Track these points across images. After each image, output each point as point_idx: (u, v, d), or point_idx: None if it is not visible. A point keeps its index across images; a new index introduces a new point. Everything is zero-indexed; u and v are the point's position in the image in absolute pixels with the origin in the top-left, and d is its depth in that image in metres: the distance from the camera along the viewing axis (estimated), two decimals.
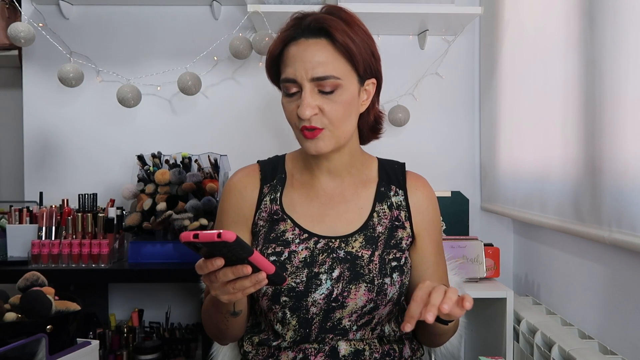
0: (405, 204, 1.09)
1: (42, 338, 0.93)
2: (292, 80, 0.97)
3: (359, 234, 1.04)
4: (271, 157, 1.16)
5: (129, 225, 1.74)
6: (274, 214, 1.06)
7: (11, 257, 1.77)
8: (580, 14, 1.33)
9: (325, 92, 0.96)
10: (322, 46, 0.96)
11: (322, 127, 0.97)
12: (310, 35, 0.97)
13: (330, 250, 1.02)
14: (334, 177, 1.08)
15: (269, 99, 2.05)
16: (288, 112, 1.00)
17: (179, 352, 1.94)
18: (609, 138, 1.20)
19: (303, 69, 0.95)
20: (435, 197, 1.13)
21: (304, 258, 1.01)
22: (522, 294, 1.89)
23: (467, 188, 2.06)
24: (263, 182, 1.10)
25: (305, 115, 0.95)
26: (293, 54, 0.97)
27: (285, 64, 0.98)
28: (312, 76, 0.95)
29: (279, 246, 1.03)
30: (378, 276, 1.01)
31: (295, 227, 1.04)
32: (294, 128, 1.02)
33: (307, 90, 0.95)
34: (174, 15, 2.06)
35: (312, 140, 0.98)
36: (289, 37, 0.99)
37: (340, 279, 1.00)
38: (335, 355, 1.01)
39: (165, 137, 2.06)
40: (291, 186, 1.09)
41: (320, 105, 0.96)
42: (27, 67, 2.06)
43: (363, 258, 1.02)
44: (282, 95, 1.01)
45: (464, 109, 2.08)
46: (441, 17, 1.84)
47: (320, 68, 0.95)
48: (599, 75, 1.24)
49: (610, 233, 1.20)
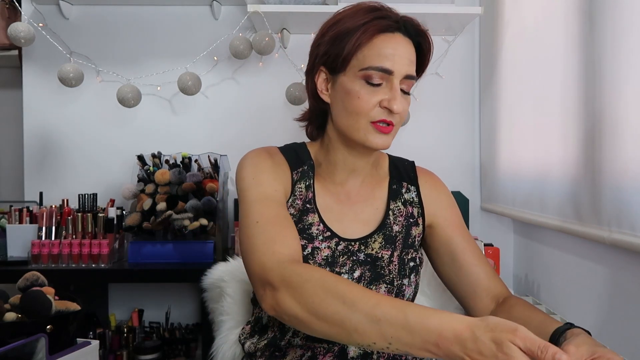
0: (418, 200, 1.08)
1: (42, 338, 0.93)
2: (387, 71, 0.93)
3: (377, 234, 1.02)
4: (288, 144, 1.10)
5: (129, 225, 1.74)
6: (307, 202, 1.02)
7: (11, 257, 1.77)
8: (580, 14, 1.33)
9: (404, 91, 0.97)
10: (413, 47, 0.97)
11: (395, 124, 0.97)
12: (406, 33, 0.97)
13: (350, 253, 1.00)
14: (356, 175, 1.06)
15: (269, 98, 2.05)
16: (365, 101, 0.93)
17: (179, 352, 1.94)
18: (609, 138, 1.20)
19: (401, 63, 0.94)
20: (447, 187, 1.13)
21: (326, 257, 0.98)
22: (522, 294, 1.88)
23: (467, 188, 2.06)
24: (291, 166, 1.04)
25: (400, 109, 0.93)
26: (392, 46, 0.94)
27: (377, 52, 0.93)
28: (407, 73, 0.95)
29: (303, 239, 0.98)
30: (397, 277, 0.99)
31: (321, 223, 1.01)
32: (360, 120, 0.95)
33: (398, 85, 0.94)
34: (174, 15, 2.06)
35: (384, 135, 0.96)
36: (386, 27, 0.95)
37: (361, 279, 0.98)
38: (344, 356, 0.99)
39: (165, 137, 2.06)
40: (317, 176, 1.05)
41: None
42: (27, 67, 2.06)
43: (383, 259, 1.00)
44: (361, 84, 0.94)
45: (464, 109, 2.08)
46: (441, 17, 1.84)
47: (412, 67, 0.96)
48: (599, 75, 1.24)
49: (610, 233, 1.20)
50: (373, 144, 0.96)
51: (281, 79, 1.98)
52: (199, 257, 1.75)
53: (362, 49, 0.94)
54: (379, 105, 0.94)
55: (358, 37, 0.94)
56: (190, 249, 1.76)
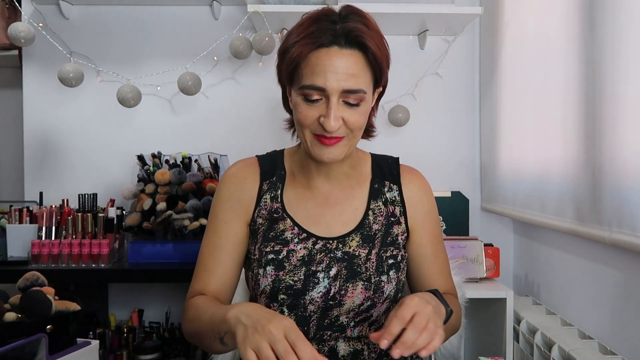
0: (400, 198, 1.09)
1: (42, 338, 0.92)
2: (320, 89, 0.92)
3: (355, 233, 1.05)
4: (270, 152, 1.15)
5: (129, 225, 1.74)
6: (274, 212, 1.06)
7: (11, 257, 1.76)
8: (581, 14, 1.33)
9: (351, 104, 0.94)
10: (356, 58, 0.93)
11: (341, 136, 0.96)
12: (345, 44, 0.92)
13: (327, 250, 1.03)
14: (331, 179, 1.08)
15: (269, 98, 2.05)
16: (304, 116, 0.95)
17: (179, 352, 1.94)
18: (609, 138, 1.20)
19: (335, 79, 0.91)
20: (430, 189, 1.13)
21: (302, 257, 1.02)
22: (522, 294, 1.88)
23: (467, 188, 2.06)
24: (263, 177, 1.08)
25: (333, 127, 0.92)
26: (325, 62, 0.91)
27: (312, 70, 0.92)
28: (344, 88, 0.92)
29: (277, 245, 1.03)
30: (375, 274, 1.01)
31: (295, 227, 1.04)
32: (305, 132, 0.97)
33: (335, 102, 0.92)
34: (174, 15, 2.06)
35: (327, 147, 0.96)
36: (320, 42, 0.92)
37: (337, 277, 1.01)
38: (335, 355, 1.02)
39: (165, 137, 2.06)
40: (290, 184, 1.09)
41: (343, 117, 0.94)
42: (27, 67, 2.06)
43: (360, 257, 1.02)
44: (300, 99, 0.95)
45: (464, 109, 2.08)
46: (441, 17, 1.84)
47: (353, 81, 0.92)
48: (599, 75, 1.24)
49: (610, 233, 1.20)
50: (319, 157, 0.98)
51: None
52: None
53: (299, 67, 0.95)
54: (318, 121, 0.95)
55: (293, 56, 0.94)
56: (190, 249, 1.76)
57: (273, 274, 1.01)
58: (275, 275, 1.00)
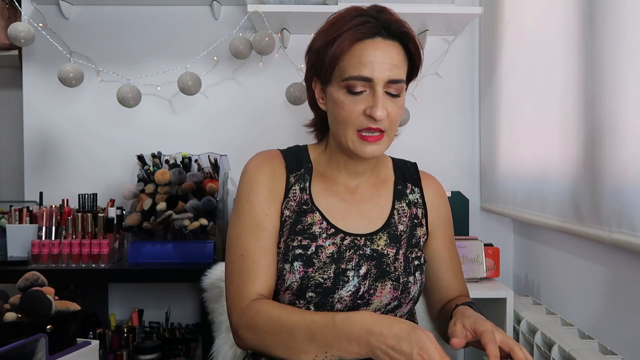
0: (422, 201, 1.11)
1: (42, 338, 0.93)
2: (366, 79, 0.93)
3: (382, 232, 1.04)
4: (291, 147, 1.13)
5: (129, 225, 1.74)
6: (303, 203, 1.03)
7: (11, 257, 1.77)
8: (580, 14, 1.33)
9: (393, 94, 0.95)
10: (398, 49, 0.96)
11: (384, 130, 0.96)
12: (387, 35, 0.95)
13: (356, 247, 1.01)
14: (357, 176, 1.08)
15: (269, 98, 2.05)
16: (349, 111, 0.95)
17: (179, 352, 1.94)
18: (609, 138, 1.20)
19: (381, 69, 0.93)
20: (446, 194, 1.17)
21: (332, 254, 0.99)
22: (522, 294, 1.88)
23: (467, 188, 2.06)
24: (289, 170, 1.06)
25: (381, 116, 0.93)
26: (371, 52, 0.93)
27: (358, 61, 0.93)
28: (390, 78, 0.94)
29: (305, 239, 1.00)
30: (403, 274, 1.01)
31: (323, 221, 1.02)
32: (347, 130, 0.97)
33: (381, 92, 0.94)
34: (174, 15, 2.06)
35: (372, 143, 0.96)
36: (364, 34, 0.94)
37: (367, 276, 0.99)
38: None
39: (165, 137, 2.06)
40: (316, 178, 1.07)
41: (386, 108, 0.95)
42: (27, 67, 2.06)
43: (388, 256, 1.02)
44: (342, 93, 0.95)
45: (464, 109, 2.08)
46: (441, 17, 1.84)
47: (396, 71, 0.94)
48: (599, 75, 1.24)
49: (610, 233, 1.20)
50: (361, 153, 0.98)
51: (281, 79, 1.98)
52: (199, 257, 1.75)
53: (342, 59, 0.96)
54: (364, 114, 0.95)
55: (335, 49, 0.95)
56: (190, 249, 1.76)
57: (301, 270, 0.97)
58: (304, 272, 0.97)
